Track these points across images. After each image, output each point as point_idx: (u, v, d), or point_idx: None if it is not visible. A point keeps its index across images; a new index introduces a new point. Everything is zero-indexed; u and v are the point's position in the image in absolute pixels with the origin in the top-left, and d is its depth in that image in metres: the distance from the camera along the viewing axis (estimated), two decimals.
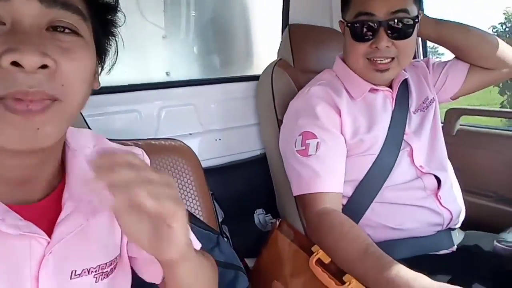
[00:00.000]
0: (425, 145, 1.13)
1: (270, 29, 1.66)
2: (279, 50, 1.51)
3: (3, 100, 0.42)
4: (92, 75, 0.51)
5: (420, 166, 1.08)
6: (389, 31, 1.00)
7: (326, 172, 1.00)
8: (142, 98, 1.34)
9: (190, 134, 1.43)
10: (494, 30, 9.40)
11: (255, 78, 1.54)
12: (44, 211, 0.52)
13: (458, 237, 1.09)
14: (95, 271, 0.56)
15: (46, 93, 0.43)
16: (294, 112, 1.11)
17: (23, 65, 0.41)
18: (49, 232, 0.51)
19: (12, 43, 0.41)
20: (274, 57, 1.49)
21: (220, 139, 1.49)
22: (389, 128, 1.08)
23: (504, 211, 1.23)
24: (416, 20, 1.02)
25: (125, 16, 0.59)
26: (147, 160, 0.69)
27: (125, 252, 0.64)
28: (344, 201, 1.07)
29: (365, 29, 1.01)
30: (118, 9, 0.57)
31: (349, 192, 1.06)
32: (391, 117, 1.10)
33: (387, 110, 1.11)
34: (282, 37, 1.53)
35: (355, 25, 1.03)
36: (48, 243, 0.50)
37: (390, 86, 1.13)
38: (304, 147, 1.02)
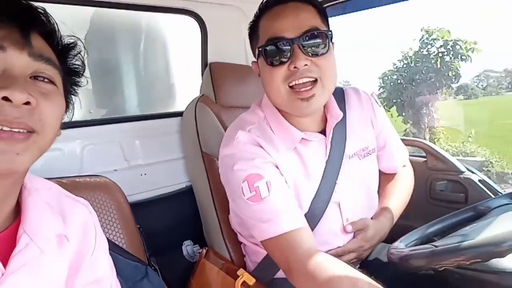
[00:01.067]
0: (357, 193, 1.08)
1: (190, 69, 1.75)
2: (201, 87, 1.60)
3: None
4: (62, 117, 0.62)
5: (347, 219, 1.05)
6: (304, 48, 0.91)
7: (288, 209, 0.92)
8: (65, 136, 1.31)
9: (115, 170, 1.43)
10: (395, 67, 10.59)
11: (178, 114, 1.61)
12: (0, 245, 0.56)
13: None
14: None
15: (27, 124, 0.54)
16: (227, 161, 0.98)
17: (12, 100, 0.52)
18: (4, 265, 0.54)
19: (4, 83, 0.52)
20: (194, 95, 1.57)
21: (145, 174, 1.51)
22: (321, 180, 1.02)
23: (398, 224, 1.39)
24: (330, 34, 0.95)
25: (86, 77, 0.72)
26: (92, 210, 0.73)
27: None
28: None
29: (279, 51, 0.92)
30: (82, 74, 0.70)
31: None
32: (325, 168, 1.03)
33: (320, 160, 1.03)
34: (203, 75, 1.62)
35: (268, 48, 0.93)
36: (2, 274, 0.53)
37: (324, 131, 1.05)
38: (254, 192, 0.91)
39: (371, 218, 1.11)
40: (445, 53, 9.56)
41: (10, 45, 0.55)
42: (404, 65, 10.41)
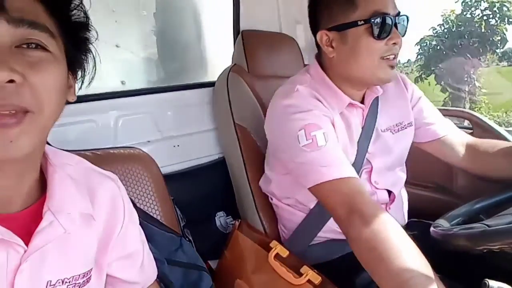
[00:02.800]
0: (388, 165, 1.11)
1: (222, 36, 1.70)
2: (233, 56, 1.55)
3: None
4: (63, 88, 0.53)
5: (375, 181, 1.09)
6: (397, 29, 0.99)
7: (344, 159, 0.94)
8: (98, 108, 1.34)
9: (149, 141, 1.44)
10: (434, 32, 10.03)
11: (210, 84, 1.58)
12: (23, 222, 0.54)
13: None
14: (69, 282, 0.58)
15: (16, 105, 0.46)
16: (285, 110, 1.00)
17: None
18: (27, 242, 0.53)
19: None
20: (227, 63, 1.53)
21: (178, 145, 1.51)
22: (357, 146, 1.07)
23: (441, 200, 1.33)
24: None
25: (97, 32, 0.60)
26: (120, 184, 0.70)
27: (104, 268, 0.66)
28: (304, 214, 1.11)
29: (385, 26, 0.97)
30: (90, 27, 0.59)
31: (312, 203, 1.09)
32: (360, 135, 1.08)
33: (358, 126, 1.09)
34: (235, 43, 1.57)
35: (376, 21, 0.96)
36: (25, 251, 0.52)
37: (363, 102, 1.10)
38: (311, 140, 0.93)
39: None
40: (491, 16, 8.93)
41: None
42: (445, 30, 9.82)
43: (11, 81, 0.45)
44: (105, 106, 1.36)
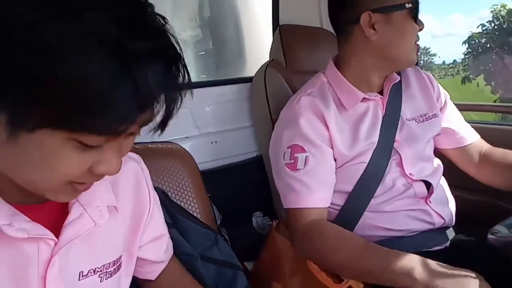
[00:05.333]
0: (418, 153, 1.10)
1: (261, 30, 1.67)
2: (270, 51, 1.52)
3: None
4: None
5: (410, 173, 1.07)
6: None
7: (315, 186, 0.99)
8: None
9: (187, 137, 1.43)
10: (483, 28, 9.53)
11: (248, 79, 1.55)
12: (50, 212, 0.54)
13: (451, 233, 1.10)
14: (100, 271, 0.58)
15: None
16: (283, 123, 1.08)
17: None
18: (56, 233, 0.52)
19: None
20: (265, 58, 1.50)
21: (216, 142, 1.50)
22: (379, 136, 1.07)
23: (494, 205, 1.23)
24: None
25: None
26: (144, 166, 0.69)
27: (135, 253, 0.66)
28: (336, 212, 1.07)
29: (418, 11, 1.03)
30: None
31: (341, 202, 1.06)
32: (381, 124, 1.08)
33: (378, 117, 1.09)
34: (273, 38, 1.53)
35: (415, 5, 1.01)
36: (55, 244, 0.52)
37: (381, 92, 1.11)
38: (292, 161, 1.01)
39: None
40: None
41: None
42: (495, 27, 9.28)
43: None
44: None
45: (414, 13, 1.01)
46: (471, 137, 1.18)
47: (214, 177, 1.43)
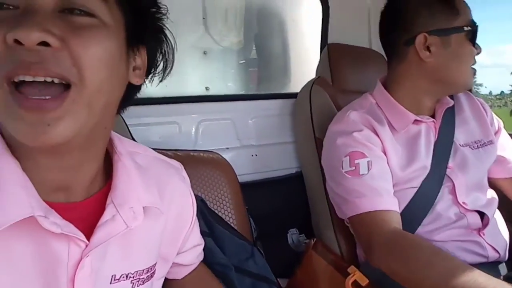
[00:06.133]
0: (472, 181, 1.05)
1: (308, 48, 1.67)
2: (317, 68, 1.51)
3: (14, 95, 0.41)
4: (116, 62, 0.47)
5: (464, 202, 1.01)
6: None
7: (384, 191, 0.94)
8: (182, 110, 1.37)
9: (228, 148, 1.44)
10: None
11: (292, 95, 1.54)
12: (83, 213, 0.52)
13: (503, 269, 1.02)
14: (133, 277, 0.56)
15: (52, 70, 0.41)
16: (334, 135, 1.03)
17: (21, 41, 0.40)
18: (88, 235, 0.50)
19: (15, 23, 0.40)
20: (311, 76, 1.49)
21: (256, 155, 1.49)
22: (432, 161, 1.02)
23: None
24: None
25: (168, 9, 0.55)
26: (185, 174, 0.69)
27: (171, 260, 0.65)
28: None
29: (476, 35, 1.00)
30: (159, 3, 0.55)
31: None
32: (433, 149, 1.04)
33: (430, 141, 1.05)
34: (321, 55, 1.53)
35: (474, 30, 0.99)
36: (86, 245, 0.49)
37: (433, 115, 1.08)
38: (354, 168, 0.95)
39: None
40: None
41: None
42: None
43: (46, 44, 0.41)
44: (188, 110, 1.39)
45: (472, 36, 0.99)
46: None
47: (251, 189, 1.41)
